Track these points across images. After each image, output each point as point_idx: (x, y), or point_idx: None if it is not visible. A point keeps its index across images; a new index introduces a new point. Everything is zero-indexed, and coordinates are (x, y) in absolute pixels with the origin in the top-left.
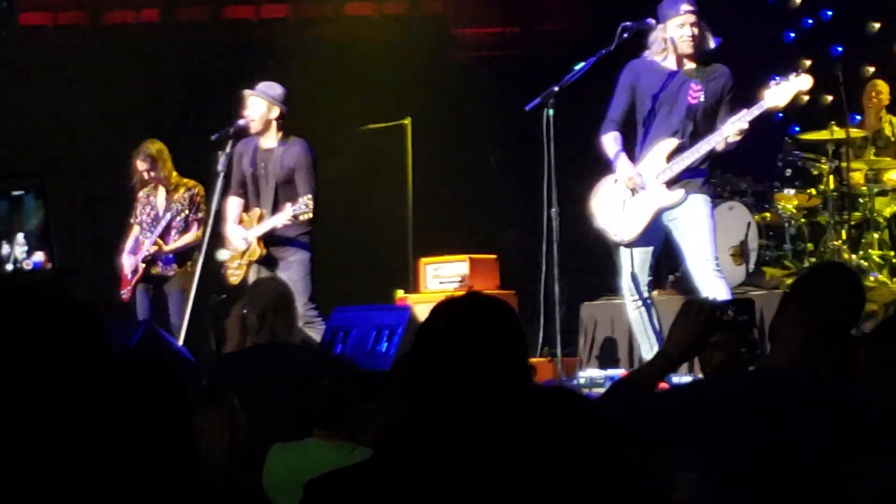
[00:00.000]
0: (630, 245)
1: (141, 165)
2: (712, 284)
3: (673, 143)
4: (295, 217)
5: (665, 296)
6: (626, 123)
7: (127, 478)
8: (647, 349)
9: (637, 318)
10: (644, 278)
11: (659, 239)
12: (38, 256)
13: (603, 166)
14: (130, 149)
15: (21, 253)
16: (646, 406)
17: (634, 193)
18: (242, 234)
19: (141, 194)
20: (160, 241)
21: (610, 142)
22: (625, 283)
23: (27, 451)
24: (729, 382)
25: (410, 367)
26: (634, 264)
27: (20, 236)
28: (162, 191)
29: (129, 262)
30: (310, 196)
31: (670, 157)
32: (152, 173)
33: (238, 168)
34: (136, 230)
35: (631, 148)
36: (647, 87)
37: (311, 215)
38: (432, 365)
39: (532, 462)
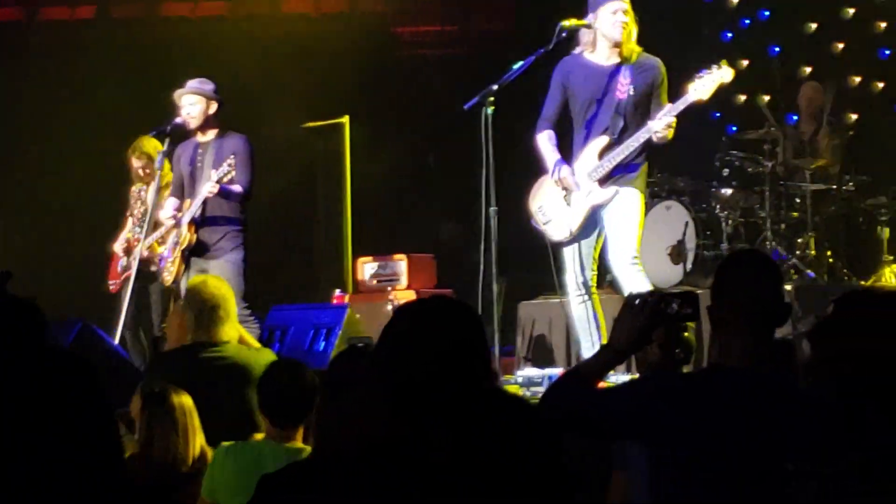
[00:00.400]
0: (570, 242)
1: (136, 163)
2: (632, 279)
3: (604, 140)
4: (219, 181)
5: (603, 294)
6: (562, 121)
7: (46, 468)
8: (588, 347)
9: (582, 314)
10: (588, 273)
11: (600, 233)
12: None
13: (541, 166)
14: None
15: None
16: (596, 401)
17: (569, 192)
18: (171, 213)
19: (134, 189)
20: (155, 245)
21: (543, 141)
22: (569, 278)
23: None
24: (682, 378)
25: (388, 369)
26: (577, 260)
27: None
28: (153, 187)
29: (122, 261)
30: (233, 156)
31: (602, 154)
32: (147, 171)
33: (177, 169)
34: (129, 223)
35: (569, 146)
36: (576, 83)
37: (233, 174)
38: (412, 367)
39: (515, 460)
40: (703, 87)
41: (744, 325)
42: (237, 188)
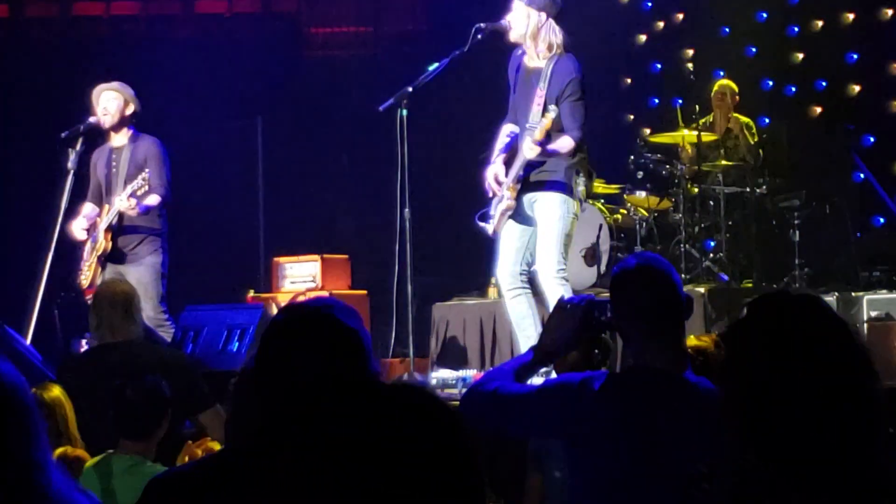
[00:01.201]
0: (502, 236)
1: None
2: (552, 292)
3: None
4: (133, 194)
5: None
6: None
7: None
8: (526, 340)
9: (518, 310)
10: (516, 267)
11: (531, 233)
12: None
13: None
14: None
15: None
16: (518, 399)
17: (496, 193)
18: (81, 224)
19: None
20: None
21: (500, 135)
22: (499, 272)
23: None
24: (601, 379)
25: (259, 369)
26: (506, 254)
27: None
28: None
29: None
30: (147, 172)
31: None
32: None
33: (94, 176)
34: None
35: None
36: (513, 80)
37: (146, 188)
38: (281, 367)
39: (380, 459)
40: (529, 150)
41: (649, 329)
42: (153, 200)
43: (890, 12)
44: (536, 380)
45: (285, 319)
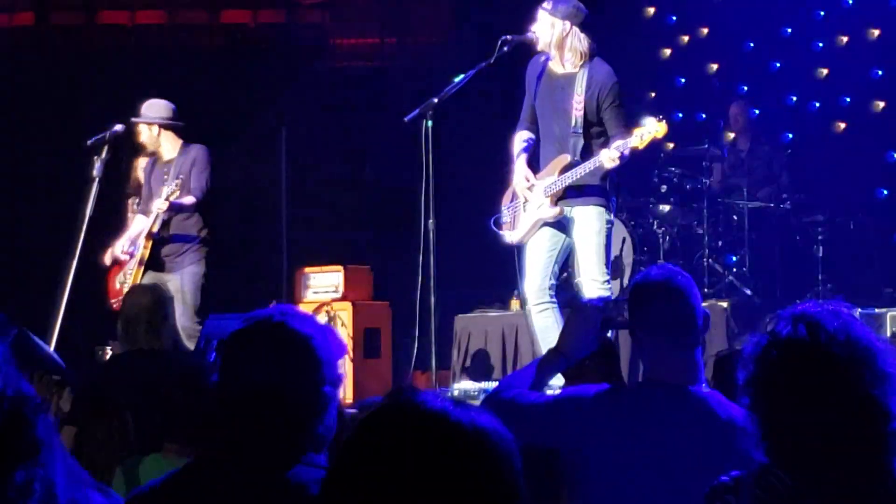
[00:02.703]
0: (529, 249)
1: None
2: None
3: (566, 159)
4: (167, 198)
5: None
6: (537, 121)
7: None
8: None
9: (543, 325)
10: (546, 282)
11: (560, 246)
12: None
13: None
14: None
15: None
16: (536, 406)
17: (527, 200)
18: (124, 246)
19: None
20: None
21: (516, 141)
22: (527, 286)
23: None
24: (616, 392)
25: (219, 379)
26: (535, 267)
27: None
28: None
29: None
30: (180, 178)
31: (562, 171)
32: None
33: (145, 185)
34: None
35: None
36: (533, 87)
37: (178, 192)
38: (233, 377)
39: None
40: (640, 136)
41: (666, 340)
42: (188, 200)
43: None
44: (557, 381)
45: (240, 330)
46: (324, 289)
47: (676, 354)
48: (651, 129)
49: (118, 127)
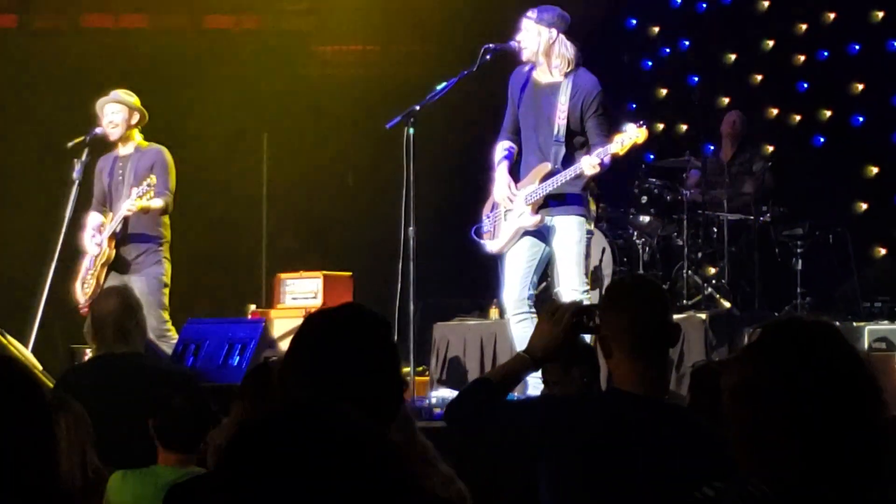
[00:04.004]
0: (508, 259)
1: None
2: None
3: (546, 167)
4: (139, 199)
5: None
6: (519, 131)
7: None
8: None
9: (521, 334)
10: (525, 292)
11: (539, 256)
12: None
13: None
14: None
15: None
16: (500, 412)
17: (508, 209)
18: (96, 238)
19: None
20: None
21: (497, 151)
22: (505, 295)
23: None
24: (579, 401)
25: (296, 378)
26: (514, 277)
27: None
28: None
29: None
30: (153, 177)
31: (542, 180)
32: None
33: (99, 183)
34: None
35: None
36: (519, 98)
37: (151, 194)
38: (307, 377)
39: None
40: (621, 142)
41: (633, 349)
42: (157, 203)
43: None
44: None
45: (311, 327)
46: (303, 295)
47: (643, 363)
48: (631, 134)
49: (98, 129)
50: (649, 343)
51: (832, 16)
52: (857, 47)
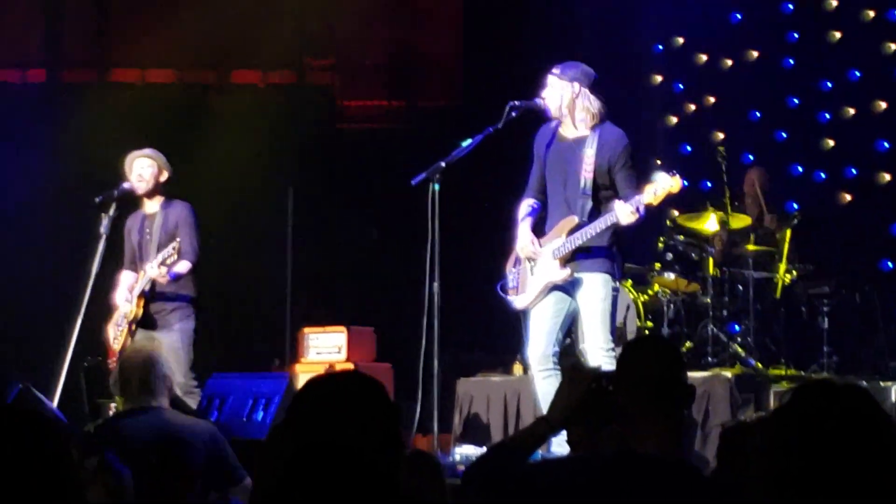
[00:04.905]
0: (536, 315)
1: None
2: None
3: (573, 220)
4: (163, 262)
5: None
6: (544, 189)
7: None
8: None
9: (547, 390)
10: (551, 349)
11: (566, 312)
12: None
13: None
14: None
15: None
16: (518, 477)
17: (533, 263)
18: (126, 297)
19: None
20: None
21: (521, 208)
22: (530, 352)
23: None
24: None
25: (282, 439)
26: (540, 333)
27: None
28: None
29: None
30: (178, 241)
31: (569, 233)
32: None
33: (129, 243)
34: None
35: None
36: (545, 154)
37: (176, 257)
38: (303, 439)
39: None
40: (654, 192)
41: (647, 409)
42: (184, 267)
43: None
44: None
45: (309, 391)
46: (327, 349)
47: (657, 422)
48: (664, 184)
49: (126, 184)
50: (663, 403)
51: (858, 73)
52: (883, 105)
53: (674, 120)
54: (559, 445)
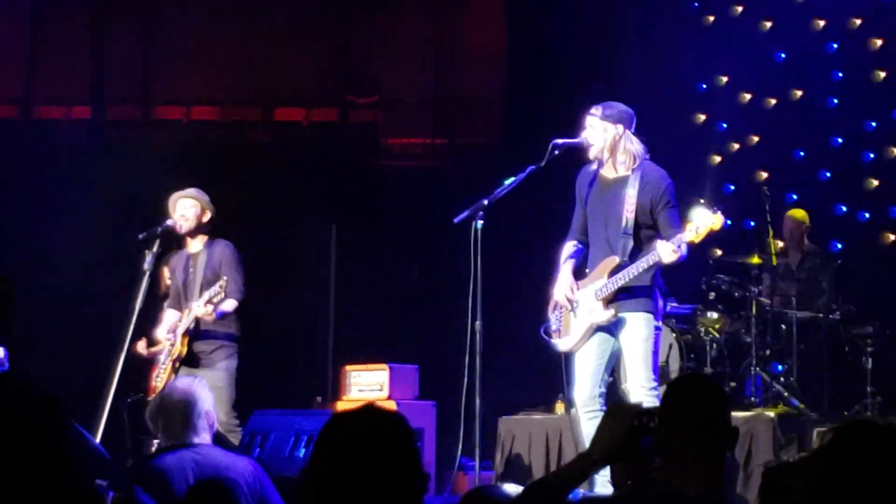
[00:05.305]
0: (581, 356)
1: (168, 273)
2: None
3: (614, 261)
4: (210, 301)
5: None
6: (587, 231)
7: None
8: None
9: (591, 429)
10: (596, 390)
11: (609, 352)
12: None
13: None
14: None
15: None
16: None
17: (576, 306)
18: (169, 335)
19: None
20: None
21: (564, 250)
22: (576, 393)
23: None
24: (635, 502)
25: (308, 476)
26: (585, 374)
27: None
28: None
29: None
30: (224, 279)
31: (611, 273)
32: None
33: (173, 282)
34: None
35: None
36: (586, 195)
37: (222, 295)
38: (325, 477)
39: None
40: (695, 229)
41: (689, 449)
42: (230, 306)
43: None
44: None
45: (331, 428)
46: (369, 387)
47: (700, 462)
48: (706, 221)
49: (169, 221)
50: (706, 443)
51: None
52: None
53: (717, 159)
54: (603, 486)
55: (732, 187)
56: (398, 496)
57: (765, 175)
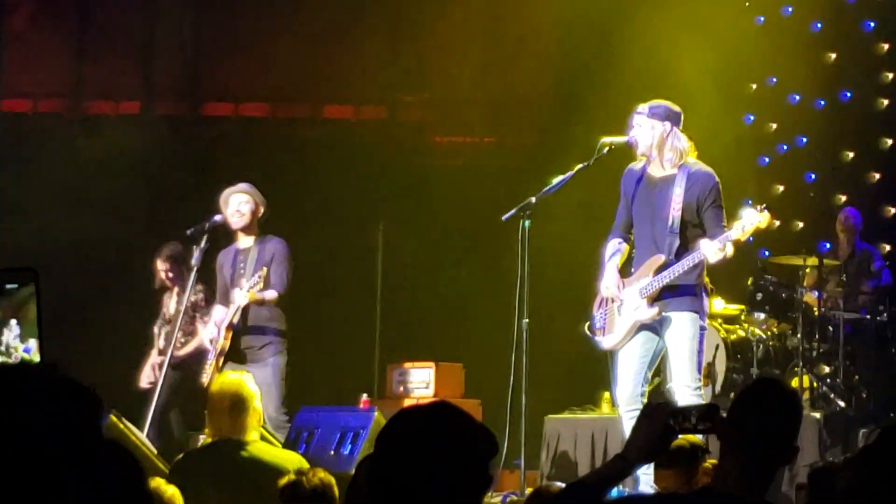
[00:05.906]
0: (624, 354)
1: (161, 266)
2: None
3: (660, 259)
4: (251, 291)
5: None
6: (632, 228)
7: None
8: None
9: None
10: (640, 388)
11: (653, 351)
12: (32, 344)
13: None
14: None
15: (14, 339)
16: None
17: (620, 303)
18: (212, 330)
19: (165, 297)
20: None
21: (608, 248)
22: (620, 391)
23: None
24: (674, 500)
25: (372, 472)
26: (629, 373)
27: (13, 323)
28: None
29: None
30: (264, 269)
31: (657, 272)
32: (171, 275)
33: (221, 278)
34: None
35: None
36: (632, 194)
37: (262, 285)
38: (393, 472)
39: None
40: (742, 227)
41: (748, 456)
42: (270, 294)
43: None
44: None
45: (399, 422)
46: (415, 384)
47: (758, 467)
48: (752, 220)
49: (218, 217)
50: (770, 454)
51: None
52: None
53: (766, 160)
54: (647, 485)
55: (781, 188)
56: (458, 497)
57: (813, 176)
